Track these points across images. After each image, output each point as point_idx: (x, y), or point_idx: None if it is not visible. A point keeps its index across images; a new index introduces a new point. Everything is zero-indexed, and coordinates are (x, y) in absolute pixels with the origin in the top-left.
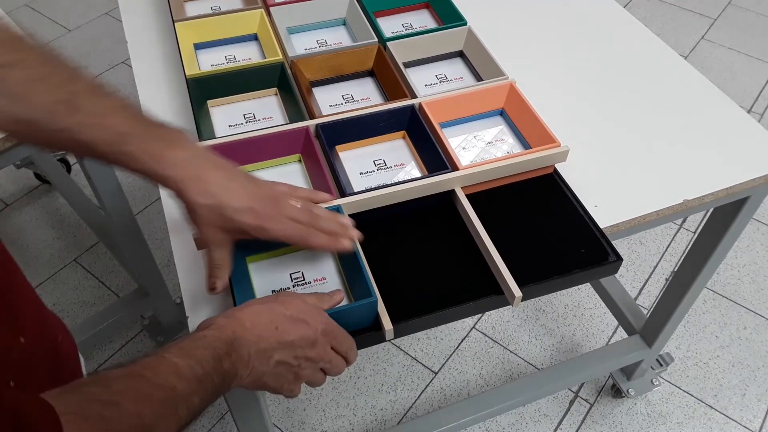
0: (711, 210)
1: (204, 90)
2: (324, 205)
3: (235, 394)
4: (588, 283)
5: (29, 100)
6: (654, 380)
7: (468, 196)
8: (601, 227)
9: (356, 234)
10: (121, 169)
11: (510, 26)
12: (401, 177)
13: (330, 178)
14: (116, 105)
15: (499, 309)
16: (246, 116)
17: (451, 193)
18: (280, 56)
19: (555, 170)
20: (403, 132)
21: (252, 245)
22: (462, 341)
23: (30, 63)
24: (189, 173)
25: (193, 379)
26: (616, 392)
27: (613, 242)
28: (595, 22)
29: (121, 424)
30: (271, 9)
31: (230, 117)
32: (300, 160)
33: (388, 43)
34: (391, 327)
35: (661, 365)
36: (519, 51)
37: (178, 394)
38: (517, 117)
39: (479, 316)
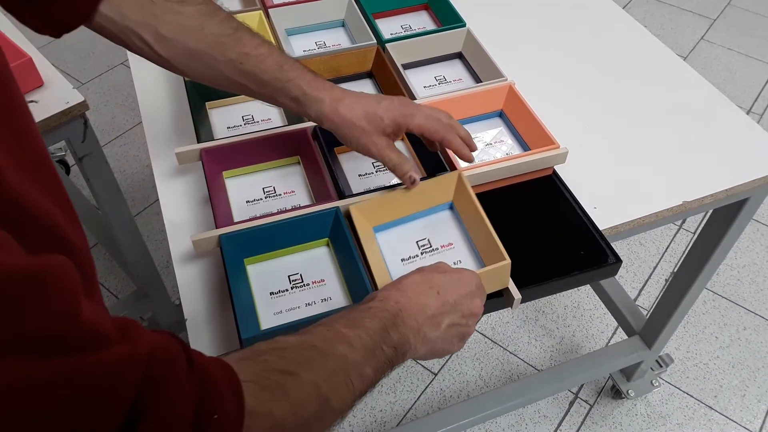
0: (711, 211)
1: (202, 92)
2: (324, 206)
3: None
4: (587, 284)
5: (201, 32)
6: (654, 381)
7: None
8: (600, 229)
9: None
10: (271, 98)
11: (509, 28)
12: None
13: (329, 181)
14: (267, 42)
15: (498, 310)
16: (245, 118)
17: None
18: None
19: (554, 172)
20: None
21: (250, 246)
22: None
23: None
24: (338, 95)
25: (363, 350)
26: (616, 393)
27: (613, 243)
28: (594, 24)
29: (299, 393)
30: (270, 10)
31: (229, 119)
32: (299, 162)
33: (387, 45)
34: None
35: (661, 366)
36: (518, 52)
37: (349, 364)
38: (516, 118)
39: None
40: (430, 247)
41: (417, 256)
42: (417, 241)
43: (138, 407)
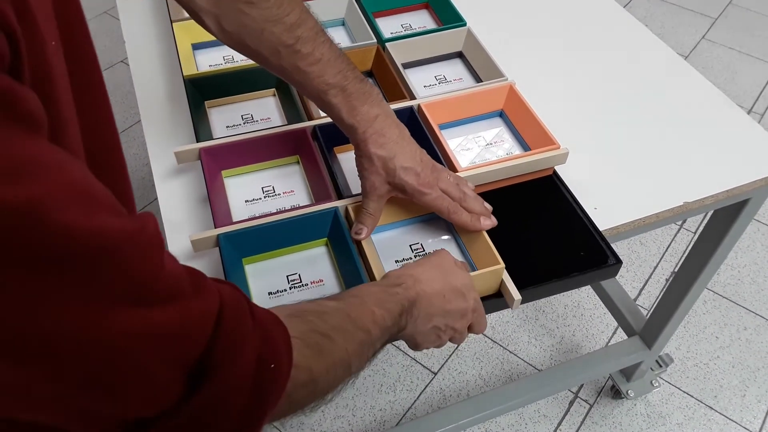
0: (711, 211)
1: (202, 90)
2: (323, 206)
3: None
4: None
5: (260, 36)
6: (654, 381)
7: None
8: (600, 230)
9: (493, 221)
10: (321, 109)
11: (510, 27)
12: None
13: (328, 180)
14: (330, 55)
15: (499, 310)
16: (244, 117)
17: None
18: None
19: (554, 172)
20: None
21: (249, 246)
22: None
23: (269, 4)
24: (375, 128)
25: (383, 328)
26: (616, 393)
27: (613, 243)
28: (594, 23)
29: (333, 356)
30: None
31: (228, 118)
32: (298, 162)
33: (387, 44)
34: None
35: (661, 366)
36: (519, 52)
37: (371, 338)
38: (516, 118)
39: None
40: (423, 251)
41: (410, 258)
42: (410, 245)
43: (208, 358)
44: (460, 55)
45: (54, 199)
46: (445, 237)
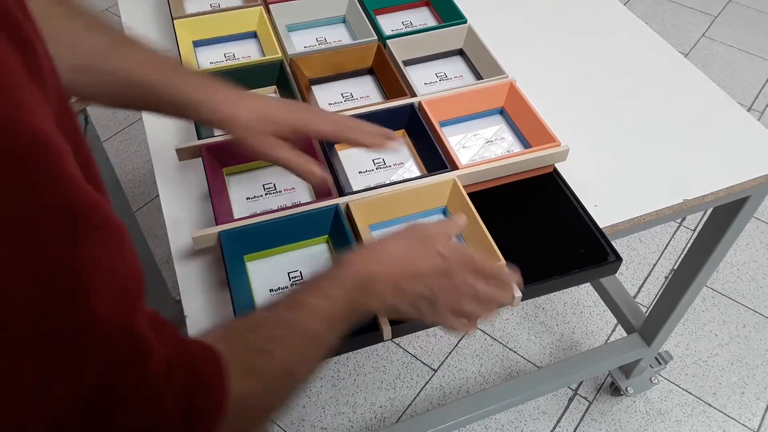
0: (711, 209)
1: None
2: (324, 203)
3: None
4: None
5: (82, 46)
6: (653, 378)
7: (467, 195)
8: (600, 227)
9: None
10: (160, 106)
11: (510, 24)
12: (400, 176)
13: (329, 177)
14: (156, 51)
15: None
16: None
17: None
18: (280, 54)
19: (555, 170)
20: (402, 130)
21: (250, 243)
22: (461, 339)
23: (76, 12)
24: (231, 95)
25: (331, 319)
26: (615, 390)
27: (612, 240)
28: (595, 20)
29: (275, 374)
30: (271, 6)
31: None
32: None
33: (388, 41)
34: (389, 327)
35: (660, 363)
36: (519, 49)
37: (318, 337)
38: (517, 116)
39: None
40: None
41: None
42: None
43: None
44: (460, 52)
45: None
46: None
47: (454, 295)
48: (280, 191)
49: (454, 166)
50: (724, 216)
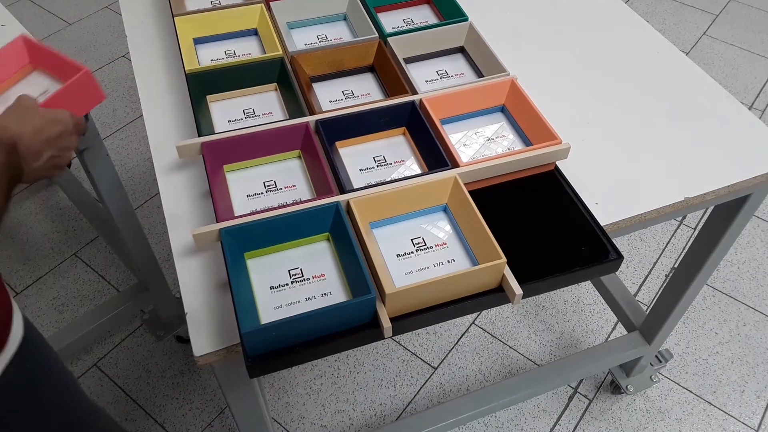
0: (712, 207)
1: (203, 85)
2: (325, 201)
3: (233, 389)
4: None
5: None
6: (653, 376)
7: (468, 193)
8: (601, 225)
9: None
10: None
11: (511, 22)
12: (401, 173)
13: (330, 175)
14: None
15: (499, 305)
16: (245, 111)
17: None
18: (280, 51)
19: (556, 167)
20: (403, 128)
21: (251, 240)
22: (461, 337)
23: None
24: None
25: None
26: (615, 388)
27: (613, 239)
28: (596, 19)
29: None
30: (272, 4)
31: (230, 112)
32: (300, 156)
33: (389, 39)
34: (390, 324)
35: (660, 362)
36: (520, 47)
37: None
38: (518, 114)
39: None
40: (425, 245)
41: (412, 252)
42: (412, 239)
43: None
44: (461, 50)
45: None
46: (447, 230)
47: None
48: (281, 188)
49: (455, 164)
50: (724, 214)
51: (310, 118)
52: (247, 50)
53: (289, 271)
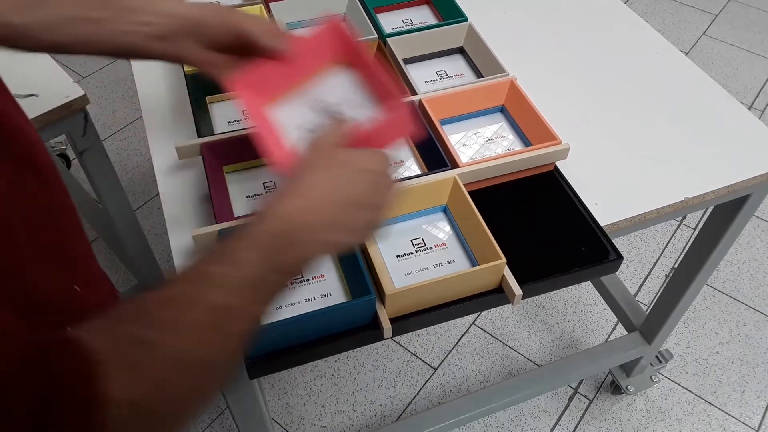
0: (712, 207)
1: (203, 86)
2: None
3: (233, 390)
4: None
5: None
6: (653, 377)
7: (468, 193)
8: (601, 225)
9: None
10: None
11: (511, 23)
12: (401, 174)
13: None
14: None
15: (499, 306)
16: (245, 113)
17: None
18: None
19: (555, 168)
20: None
21: None
22: (461, 337)
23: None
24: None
25: (242, 288)
26: (616, 389)
27: (613, 239)
28: (595, 19)
29: (163, 367)
30: (271, 4)
31: (229, 113)
32: None
33: (388, 39)
34: (390, 325)
35: (661, 362)
36: (520, 48)
37: (231, 311)
38: (517, 114)
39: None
40: (425, 245)
41: (412, 253)
42: (412, 240)
43: None
44: (461, 50)
45: None
46: (447, 230)
47: (390, 195)
48: None
49: (455, 165)
50: (724, 214)
51: None
52: None
53: None
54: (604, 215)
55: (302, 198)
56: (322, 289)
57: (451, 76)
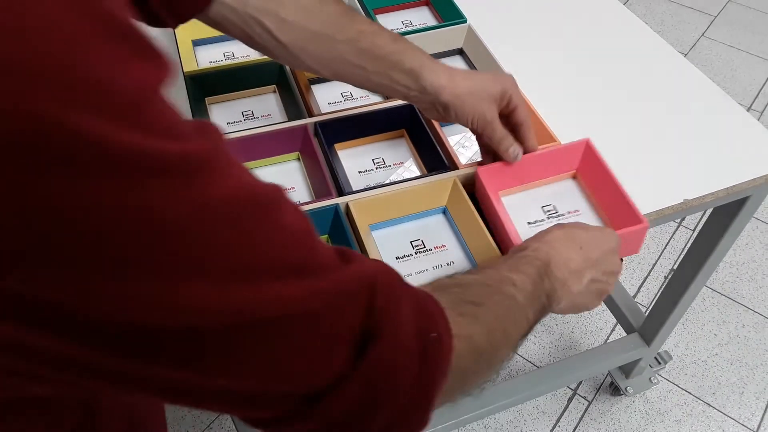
0: (711, 209)
1: (202, 87)
2: (324, 203)
3: None
4: None
5: (320, 12)
6: (652, 378)
7: (467, 195)
8: None
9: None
10: (384, 76)
11: (510, 24)
12: (400, 175)
13: (329, 177)
14: (374, 24)
15: None
16: (244, 114)
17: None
18: None
19: None
20: (402, 130)
21: None
22: None
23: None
24: (449, 67)
25: (526, 293)
26: (615, 390)
27: None
28: (594, 20)
29: (488, 321)
30: None
31: (229, 114)
32: (299, 159)
33: None
34: None
35: (660, 363)
36: (519, 49)
37: (518, 304)
38: None
39: None
40: (424, 247)
41: (411, 255)
42: (411, 241)
43: (369, 326)
44: (460, 51)
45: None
46: (446, 232)
47: (614, 279)
48: None
49: (455, 166)
50: (723, 216)
51: (309, 120)
52: (245, 52)
53: None
54: None
55: (551, 242)
56: None
57: None
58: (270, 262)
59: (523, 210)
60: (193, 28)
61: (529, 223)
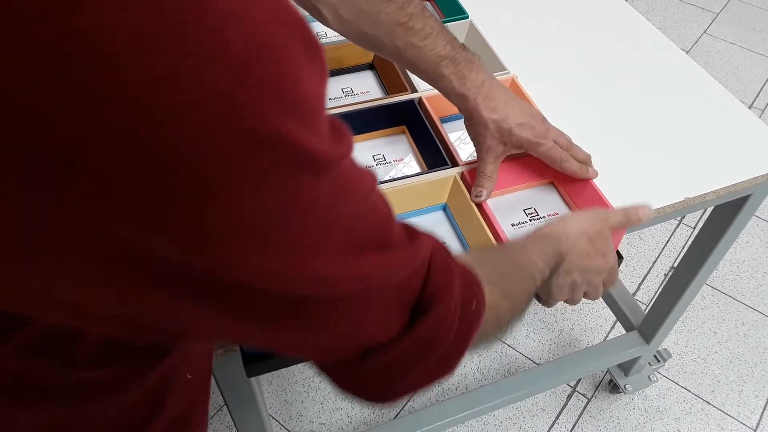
0: (712, 207)
1: None
2: None
3: (231, 386)
4: None
5: (376, 19)
6: (651, 376)
7: (468, 192)
8: None
9: (596, 170)
10: (430, 83)
11: (512, 20)
12: (400, 172)
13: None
14: (437, 27)
15: None
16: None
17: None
18: None
19: None
20: (403, 126)
21: None
22: None
23: None
24: (484, 93)
25: (543, 279)
26: (614, 387)
27: None
28: (596, 16)
29: (513, 295)
30: None
31: None
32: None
33: None
34: None
35: (659, 361)
36: (521, 45)
37: (535, 286)
38: None
39: None
40: None
41: None
42: None
43: (425, 295)
44: (462, 47)
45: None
46: (446, 229)
47: (586, 290)
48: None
49: (455, 163)
50: (724, 214)
51: None
52: None
53: None
54: None
55: (574, 244)
56: None
57: None
58: (368, 238)
59: (507, 212)
60: None
61: (512, 225)
